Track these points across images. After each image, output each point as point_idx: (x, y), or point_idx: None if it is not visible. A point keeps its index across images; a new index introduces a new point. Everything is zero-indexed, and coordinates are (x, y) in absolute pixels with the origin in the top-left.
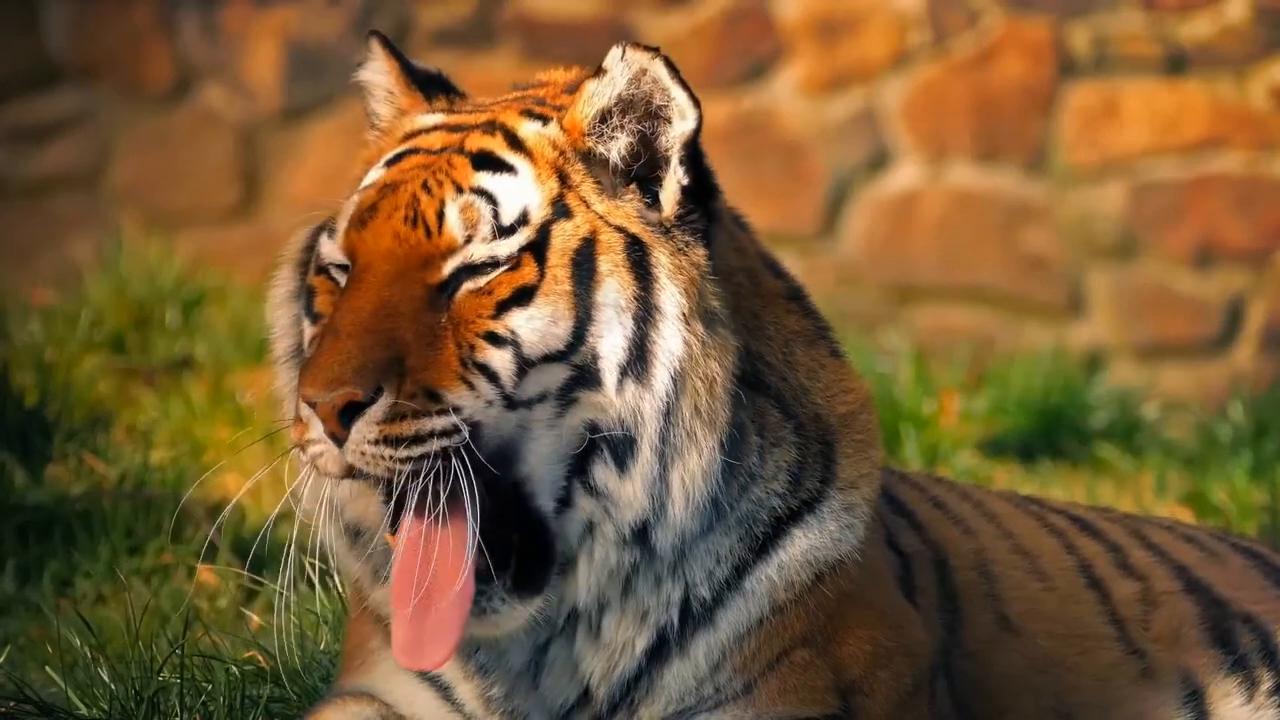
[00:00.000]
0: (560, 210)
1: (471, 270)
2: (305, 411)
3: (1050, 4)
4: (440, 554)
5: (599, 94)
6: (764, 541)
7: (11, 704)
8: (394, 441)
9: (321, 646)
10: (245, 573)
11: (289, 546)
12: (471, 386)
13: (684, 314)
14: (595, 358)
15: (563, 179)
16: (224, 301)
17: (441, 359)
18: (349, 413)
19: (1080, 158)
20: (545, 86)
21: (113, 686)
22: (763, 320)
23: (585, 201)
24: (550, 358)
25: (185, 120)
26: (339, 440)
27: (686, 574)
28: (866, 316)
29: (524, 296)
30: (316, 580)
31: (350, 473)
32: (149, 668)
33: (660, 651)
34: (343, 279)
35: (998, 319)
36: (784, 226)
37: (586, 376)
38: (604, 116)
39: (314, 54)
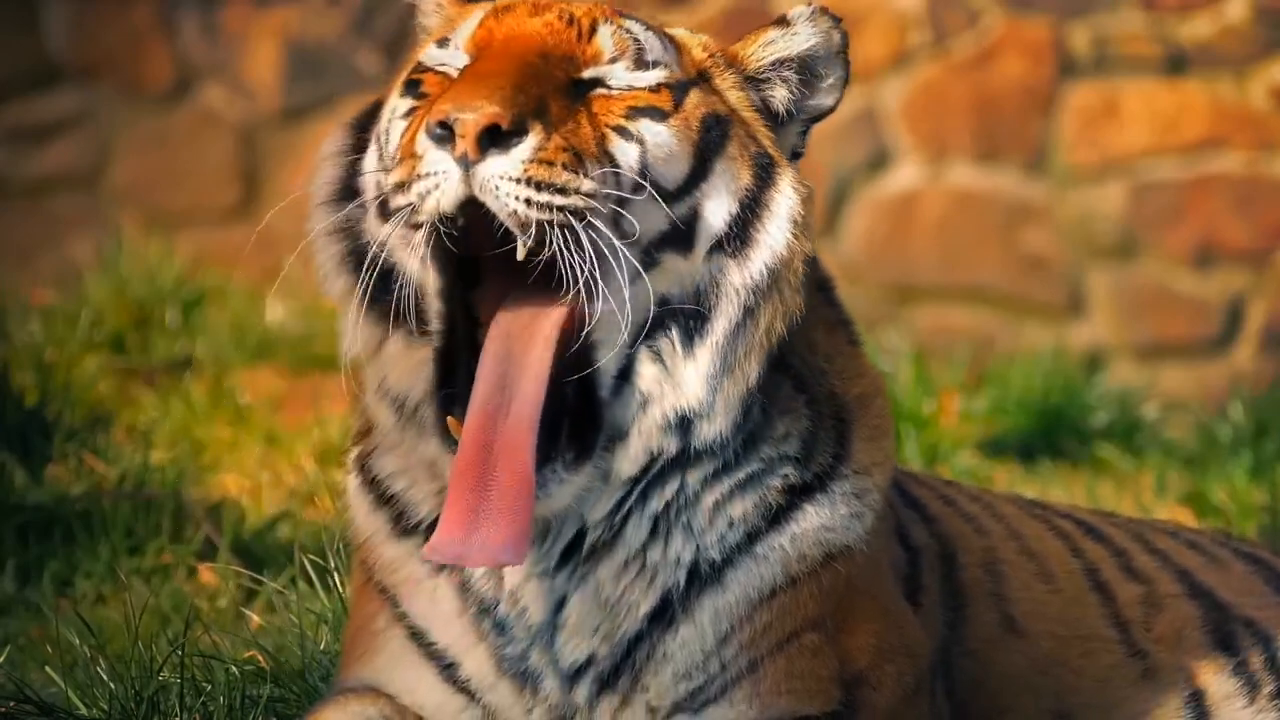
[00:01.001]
0: (702, 86)
1: (608, 88)
2: (423, 144)
3: (1050, 4)
4: (505, 440)
5: (780, 42)
6: (777, 512)
7: (11, 704)
8: (537, 184)
9: (321, 646)
10: (245, 571)
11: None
12: (602, 169)
13: (798, 220)
14: (695, 217)
15: (704, 77)
16: (224, 301)
17: (581, 133)
18: (488, 140)
19: (1080, 158)
20: None
21: (113, 686)
22: None
23: (727, 102)
24: (660, 191)
25: (185, 120)
26: (467, 165)
27: (697, 532)
28: (866, 316)
29: (655, 114)
30: (316, 579)
31: (464, 207)
32: (149, 668)
33: (664, 613)
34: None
35: (998, 319)
36: None
37: (680, 236)
38: (777, 64)
39: (314, 54)
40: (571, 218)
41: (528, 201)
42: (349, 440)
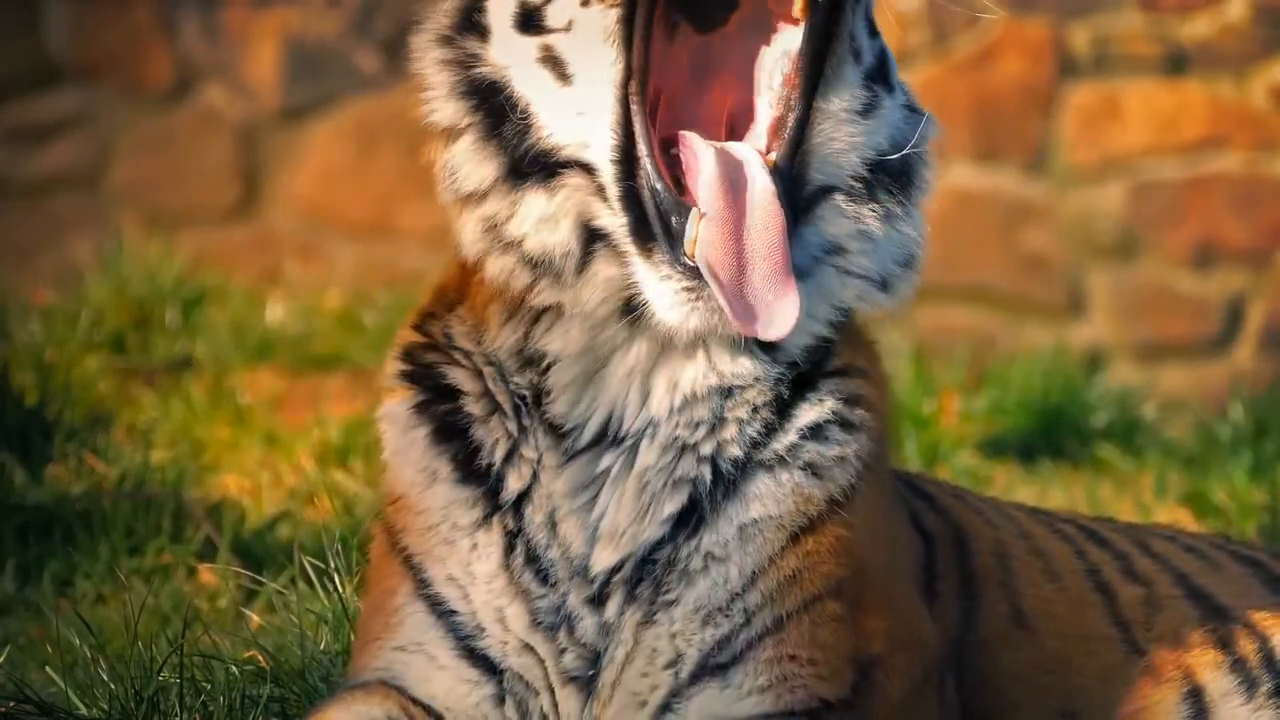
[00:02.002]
0: None
1: None
2: None
3: (1050, 4)
4: (754, 195)
5: None
6: (782, 406)
7: (11, 704)
8: None
9: (321, 646)
10: (245, 572)
11: None
12: None
13: None
14: (885, 61)
15: None
16: (224, 301)
17: None
18: None
19: (1080, 158)
20: None
21: (113, 686)
22: None
23: None
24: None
25: (185, 120)
26: None
27: (719, 422)
28: (867, 316)
29: None
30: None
31: None
32: (149, 668)
33: (689, 517)
34: None
35: (998, 319)
36: None
37: (881, 74)
38: None
39: (314, 54)
40: None
41: None
42: (390, 363)
